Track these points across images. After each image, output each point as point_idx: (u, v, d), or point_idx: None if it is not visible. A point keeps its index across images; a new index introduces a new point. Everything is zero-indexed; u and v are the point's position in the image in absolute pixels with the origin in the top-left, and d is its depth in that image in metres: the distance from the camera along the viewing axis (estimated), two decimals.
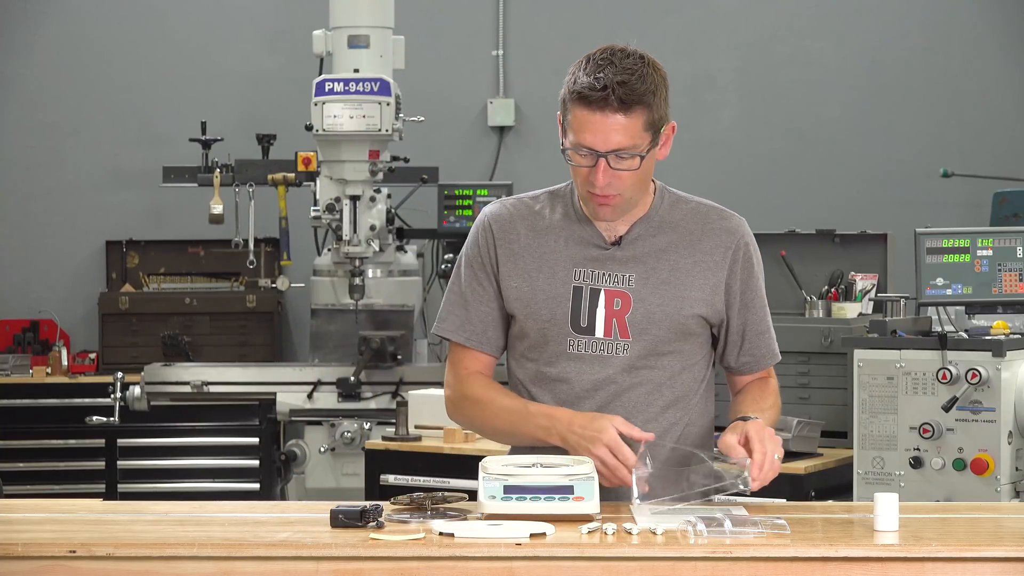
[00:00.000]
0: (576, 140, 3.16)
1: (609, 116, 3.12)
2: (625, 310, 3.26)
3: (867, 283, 5.52)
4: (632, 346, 3.26)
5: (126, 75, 8.74)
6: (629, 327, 3.26)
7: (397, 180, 7.36)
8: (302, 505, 3.51)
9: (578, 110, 3.15)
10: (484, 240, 3.34)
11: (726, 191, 8.40)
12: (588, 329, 3.26)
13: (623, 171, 3.17)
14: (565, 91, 3.18)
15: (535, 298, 3.28)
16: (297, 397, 6.89)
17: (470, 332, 3.36)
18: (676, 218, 3.33)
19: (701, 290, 3.28)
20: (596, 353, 3.26)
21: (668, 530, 2.85)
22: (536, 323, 3.29)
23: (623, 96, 3.11)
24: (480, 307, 3.35)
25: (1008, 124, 8.40)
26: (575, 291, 3.27)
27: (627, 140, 3.14)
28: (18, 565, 2.78)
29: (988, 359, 4.71)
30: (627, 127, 3.13)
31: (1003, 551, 2.77)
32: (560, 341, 3.27)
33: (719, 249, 3.30)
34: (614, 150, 3.14)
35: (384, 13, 7.06)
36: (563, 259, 3.28)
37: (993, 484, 4.71)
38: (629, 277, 3.27)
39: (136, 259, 8.51)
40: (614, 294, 3.26)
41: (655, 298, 3.26)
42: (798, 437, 5.01)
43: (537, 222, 3.32)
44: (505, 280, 3.31)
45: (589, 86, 3.12)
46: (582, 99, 3.13)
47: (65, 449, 7.78)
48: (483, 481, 3.01)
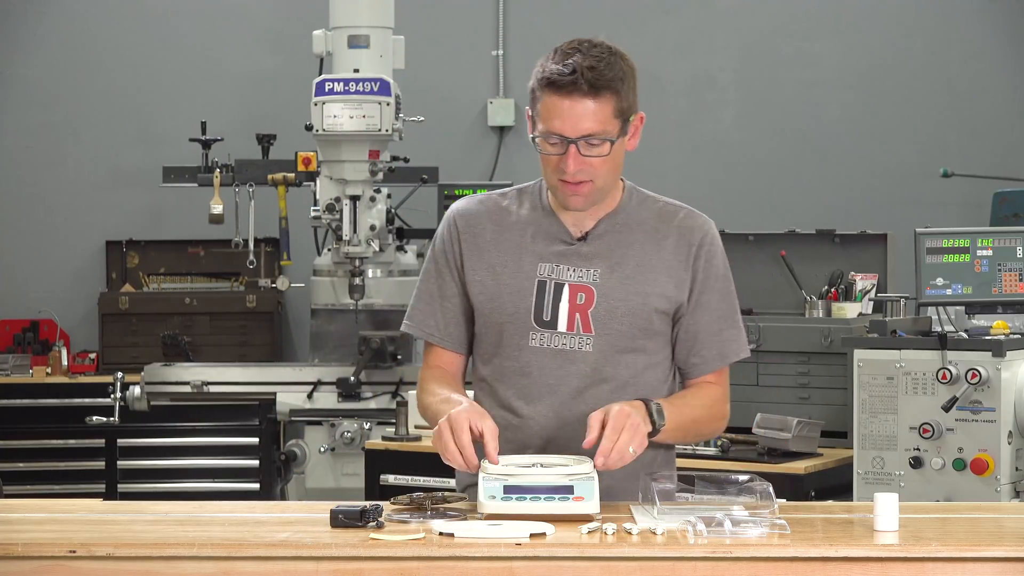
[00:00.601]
0: (546, 127, 3.17)
1: (578, 101, 3.14)
2: (589, 304, 3.26)
3: (867, 283, 5.52)
4: (595, 341, 3.25)
5: (126, 75, 8.74)
6: (592, 321, 3.25)
7: (397, 180, 7.36)
8: (302, 505, 3.51)
9: (547, 97, 3.16)
10: (450, 235, 3.35)
11: (726, 191, 8.43)
12: (551, 323, 3.26)
13: (593, 157, 3.18)
14: (534, 81, 3.20)
15: (500, 292, 3.29)
16: (297, 397, 6.89)
17: (433, 328, 3.37)
18: (643, 216, 3.32)
19: (665, 287, 3.28)
20: (559, 347, 3.26)
21: (668, 530, 2.85)
22: (500, 316, 3.29)
23: (592, 80, 3.13)
24: (446, 303, 3.36)
25: (1008, 124, 8.40)
26: (539, 284, 3.27)
27: (597, 125, 3.16)
28: (18, 565, 2.78)
29: (988, 359, 4.71)
30: (596, 112, 3.15)
31: (1003, 551, 2.77)
32: (522, 335, 3.27)
33: (683, 247, 3.30)
34: (584, 136, 3.16)
35: (384, 13, 7.05)
36: (528, 253, 3.28)
37: (993, 484, 4.71)
38: (594, 272, 3.27)
39: (136, 259, 8.52)
40: (578, 288, 3.26)
41: (619, 293, 3.26)
42: (798, 437, 5.01)
43: (504, 217, 3.33)
44: (470, 274, 3.32)
45: (558, 72, 3.14)
46: (551, 85, 3.15)
47: (65, 449, 7.78)
48: (483, 481, 3.01)
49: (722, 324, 3.34)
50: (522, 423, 3.28)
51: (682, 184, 8.22)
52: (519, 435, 3.27)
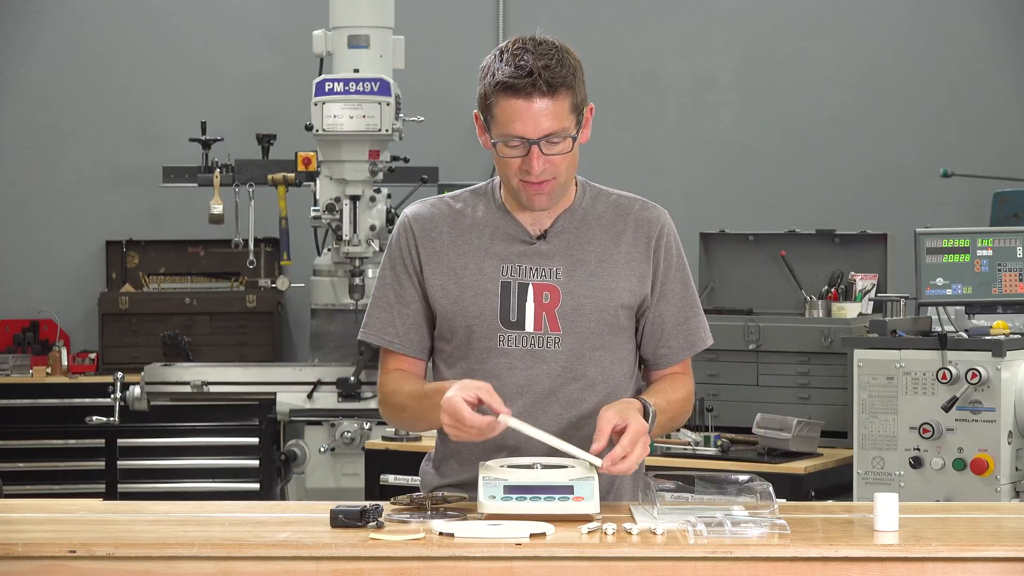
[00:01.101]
0: (505, 131, 3.15)
1: (537, 101, 3.12)
2: (554, 303, 3.25)
3: (867, 283, 5.52)
4: (563, 340, 3.25)
5: (126, 75, 8.74)
6: (559, 320, 3.24)
7: (397, 180, 7.36)
8: (302, 505, 3.51)
9: (504, 101, 3.14)
10: (406, 240, 3.32)
11: (726, 191, 8.43)
12: (518, 324, 3.25)
13: (555, 156, 3.17)
14: (485, 86, 3.17)
15: (463, 295, 3.26)
16: (297, 397, 6.89)
17: (392, 335, 3.33)
18: (599, 211, 3.31)
19: (628, 281, 3.27)
20: (528, 348, 3.25)
21: (668, 530, 2.85)
22: (464, 320, 3.26)
23: (549, 79, 3.11)
24: (404, 309, 3.32)
25: (1008, 124, 8.40)
26: (503, 286, 3.25)
27: (557, 124, 3.14)
28: (18, 565, 2.78)
29: (988, 359, 4.71)
30: (555, 111, 3.14)
31: (1003, 551, 2.77)
32: (490, 337, 3.25)
33: (642, 240, 3.29)
34: (545, 135, 3.15)
35: (384, 13, 7.05)
36: (489, 255, 3.26)
37: (993, 484, 4.71)
38: (556, 270, 3.25)
39: (136, 259, 8.52)
40: (542, 288, 3.25)
41: (583, 290, 3.25)
42: (798, 437, 5.01)
43: (459, 220, 3.30)
44: (429, 279, 3.29)
45: (514, 75, 3.12)
46: (508, 89, 3.13)
47: (65, 449, 7.79)
48: (483, 481, 3.01)
49: (687, 313, 3.34)
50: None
51: (682, 184, 8.23)
52: (493, 437, 3.19)
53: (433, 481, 3.36)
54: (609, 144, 8.20)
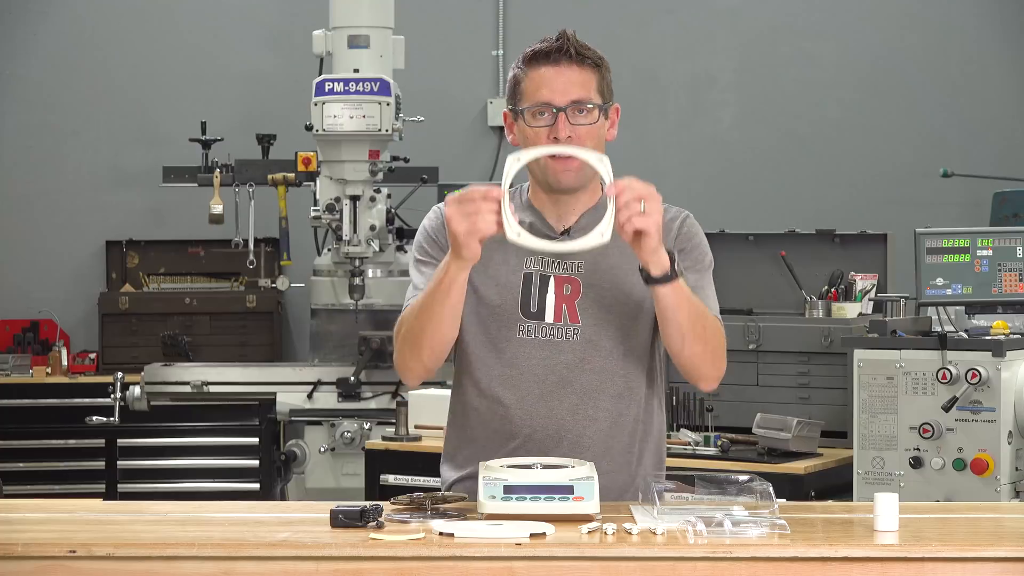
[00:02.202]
0: (533, 99, 3.25)
1: (565, 68, 3.25)
2: (575, 295, 3.30)
3: (867, 283, 5.52)
4: (582, 331, 3.29)
5: (126, 75, 8.74)
6: (579, 311, 3.29)
7: (397, 180, 7.36)
8: (302, 505, 3.51)
9: (533, 71, 3.26)
10: (439, 222, 3.35)
11: (726, 191, 8.43)
12: (538, 314, 3.30)
13: (582, 126, 3.24)
14: (515, 68, 3.30)
15: (486, 284, 3.32)
16: (297, 397, 6.89)
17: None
18: None
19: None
20: (546, 338, 3.29)
21: (668, 530, 2.85)
22: (486, 308, 3.32)
23: (578, 48, 3.27)
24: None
25: (1008, 124, 8.40)
26: (525, 277, 3.31)
27: (584, 92, 3.25)
28: (18, 565, 2.78)
29: (988, 359, 4.71)
30: (583, 80, 3.26)
31: (1003, 551, 2.78)
32: (510, 326, 3.30)
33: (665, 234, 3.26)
34: (573, 101, 3.24)
35: (384, 13, 7.05)
36: (514, 247, 3.26)
37: (993, 484, 4.71)
38: (579, 263, 3.31)
39: (136, 259, 8.52)
40: (564, 280, 3.31)
41: (604, 283, 3.30)
42: (798, 437, 5.01)
43: None
44: None
45: (544, 44, 3.28)
46: (536, 57, 3.27)
47: (65, 449, 7.79)
48: (483, 481, 3.01)
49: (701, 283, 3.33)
50: (507, 412, 3.30)
51: (682, 184, 8.22)
52: (505, 424, 3.29)
53: (450, 476, 3.38)
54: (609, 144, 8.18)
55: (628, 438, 3.33)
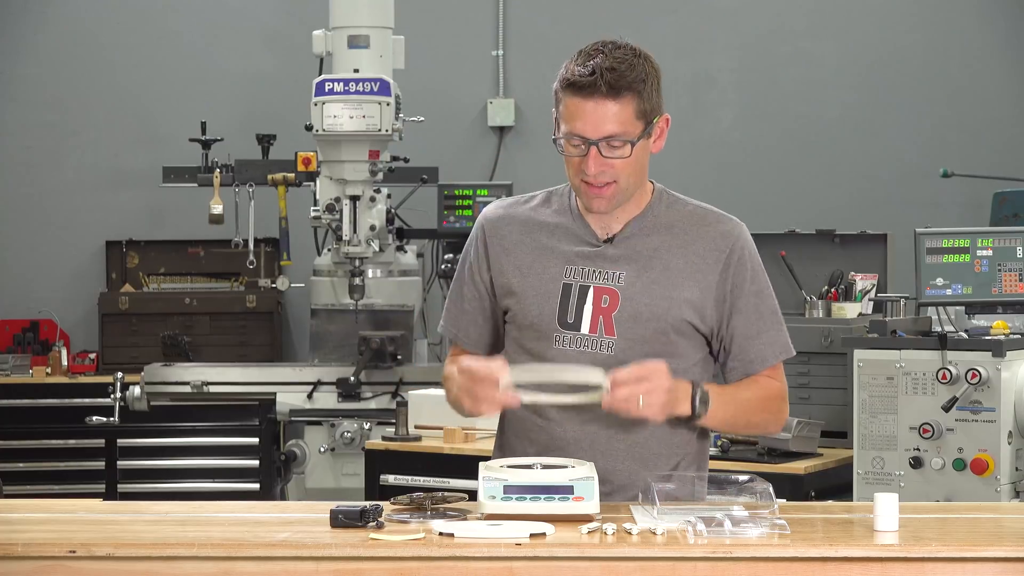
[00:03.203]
0: (568, 129, 3.19)
1: (599, 103, 3.16)
2: (612, 307, 3.26)
3: (867, 283, 5.52)
4: (617, 344, 3.25)
5: (126, 75, 8.74)
6: (615, 325, 3.25)
7: (397, 180, 7.36)
8: (302, 505, 3.51)
9: (569, 99, 3.18)
10: (479, 240, 3.38)
11: (726, 191, 8.42)
12: (574, 325, 3.27)
13: (615, 159, 3.19)
14: (557, 83, 3.22)
15: (525, 293, 3.30)
16: (297, 397, 6.89)
17: (454, 328, 3.43)
18: (672, 219, 3.32)
19: (691, 291, 3.26)
20: (581, 349, 3.26)
21: (668, 530, 2.85)
22: (525, 319, 3.31)
23: (612, 81, 3.14)
24: (464, 305, 3.41)
25: (1008, 124, 8.40)
26: (564, 287, 3.28)
27: (618, 127, 3.17)
28: (18, 565, 2.78)
29: (988, 359, 4.71)
30: (617, 114, 3.17)
31: (1003, 551, 2.78)
32: (547, 336, 3.28)
33: (712, 252, 3.29)
34: (605, 137, 3.17)
35: (384, 13, 7.06)
36: (555, 255, 3.29)
37: (993, 484, 4.71)
38: (619, 275, 3.27)
39: (136, 259, 8.52)
40: (603, 291, 3.27)
41: (644, 297, 3.25)
42: (798, 437, 5.01)
43: (530, 219, 3.35)
44: (497, 277, 3.34)
45: (579, 74, 3.16)
46: (572, 87, 3.17)
47: (65, 449, 7.78)
48: (483, 481, 3.01)
49: (760, 327, 3.30)
50: (546, 424, 3.28)
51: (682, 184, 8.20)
52: (543, 436, 3.26)
53: None
54: None
55: (666, 450, 3.29)
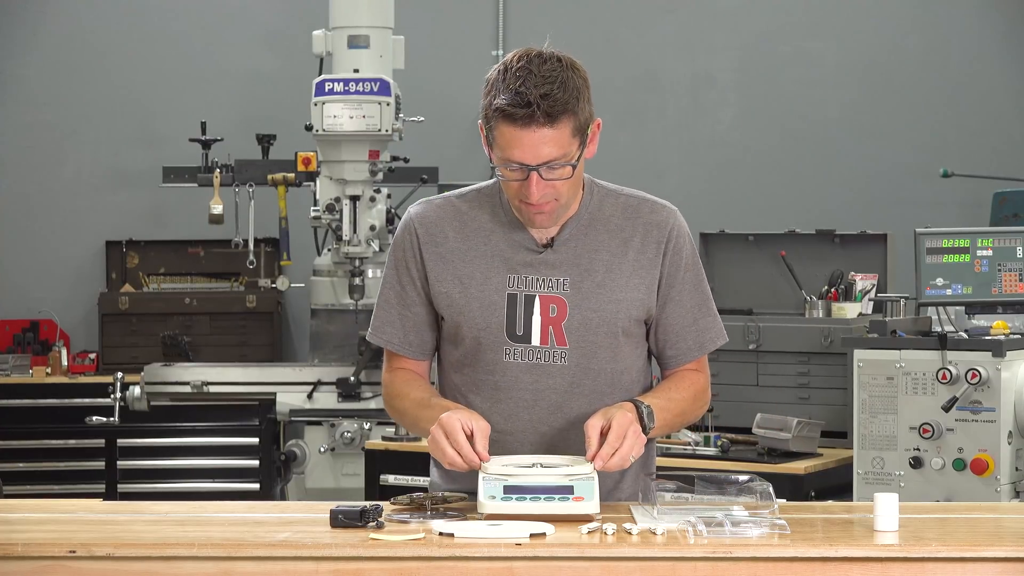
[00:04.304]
0: (505, 156, 3.09)
1: (536, 131, 3.05)
2: (561, 316, 3.20)
3: (867, 283, 5.52)
4: (570, 354, 3.20)
5: (126, 75, 8.74)
6: (566, 334, 3.20)
7: (397, 180, 7.36)
8: (302, 505, 3.51)
9: (503, 127, 3.07)
10: (410, 243, 3.27)
11: (726, 191, 8.43)
12: (524, 337, 3.20)
13: (556, 180, 3.11)
14: (486, 107, 3.09)
15: (469, 305, 3.21)
16: (297, 397, 6.89)
17: (393, 336, 3.30)
18: (606, 213, 3.25)
19: (637, 290, 3.22)
20: (533, 362, 3.20)
21: (668, 530, 2.85)
22: (471, 330, 3.22)
23: (548, 109, 3.03)
24: (405, 312, 3.29)
25: (1008, 124, 8.40)
26: (510, 298, 3.20)
27: (557, 151, 3.07)
28: (18, 565, 2.78)
29: (988, 359, 4.71)
30: (556, 138, 3.06)
31: (1003, 551, 2.77)
32: (496, 349, 3.21)
33: (651, 245, 3.24)
34: (545, 162, 3.08)
35: (384, 13, 7.06)
36: (496, 264, 3.21)
37: (993, 484, 4.71)
38: (563, 281, 3.20)
39: (136, 259, 8.52)
40: (549, 300, 3.20)
41: (591, 303, 3.20)
42: (798, 437, 5.01)
43: (466, 224, 3.25)
44: (435, 285, 3.25)
45: (511, 103, 3.03)
46: (506, 116, 3.05)
47: (65, 449, 7.78)
48: (483, 481, 3.01)
49: (696, 314, 3.29)
50: (501, 438, 3.20)
51: (682, 184, 8.23)
52: (499, 450, 3.17)
53: (440, 485, 3.33)
54: (609, 144, 8.15)
55: None
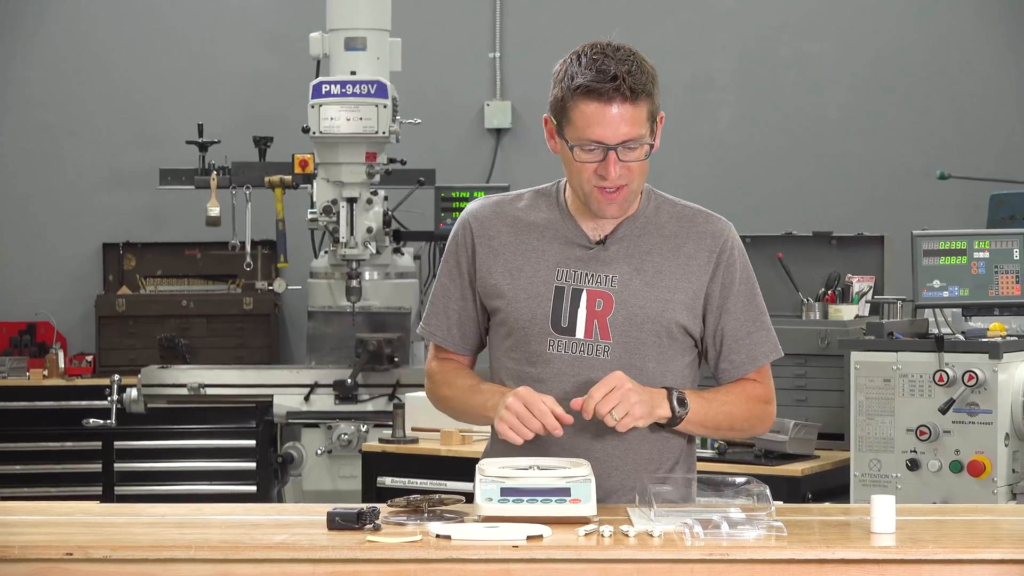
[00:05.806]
0: (583, 135, 3.15)
1: (618, 107, 3.14)
2: (607, 311, 3.23)
3: (864, 285, 5.52)
4: (613, 348, 3.23)
5: (124, 76, 8.74)
6: (610, 328, 3.23)
7: (394, 182, 7.36)
8: (299, 507, 3.50)
9: (584, 104, 3.14)
10: (464, 238, 3.34)
11: (723, 192, 8.42)
12: (569, 329, 3.24)
13: (632, 162, 3.18)
14: (563, 89, 3.17)
15: (516, 296, 3.26)
16: (294, 399, 6.89)
17: (439, 330, 3.38)
18: (662, 220, 3.31)
19: (684, 293, 3.26)
20: (576, 354, 3.24)
21: (665, 532, 2.85)
22: (517, 322, 3.27)
23: (632, 86, 3.14)
24: (451, 306, 3.36)
25: (1006, 126, 8.40)
26: (557, 291, 3.25)
27: (635, 130, 3.16)
28: (15, 568, 2.78)
29: (985, 361, 4.71)
30: (635, 117, 3.16)
31: (1000, 553, 2.78)
32: (540, 341, 3.25)
33: (702, 253, 3.28)
34: (623, 141, 3.15)
35: (381, 15, 7.06)
36: (546, 258, 3.26)
37: (990, 486, 4.71)
38: (612, 278, 3.24)
39: (133, 261, 8.51)
40: (596, 294, 3.24)
41: (637, 300, 3.24)
42: (795, 439, 5.01)
43: (519, 220, 3.31)
44: (485, 278, 3.30)
45: (596, 79, 3.13)
46: (590, 93, 3.13)
47: (62, 451, 7.78)
48: (480, 483, 3.01)
49: (750, 327, 3.32)
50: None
51: (680, 184, 8.18)
52: (539, 439, 3.21)
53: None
54: None
55: (657, 455, 3.29)
